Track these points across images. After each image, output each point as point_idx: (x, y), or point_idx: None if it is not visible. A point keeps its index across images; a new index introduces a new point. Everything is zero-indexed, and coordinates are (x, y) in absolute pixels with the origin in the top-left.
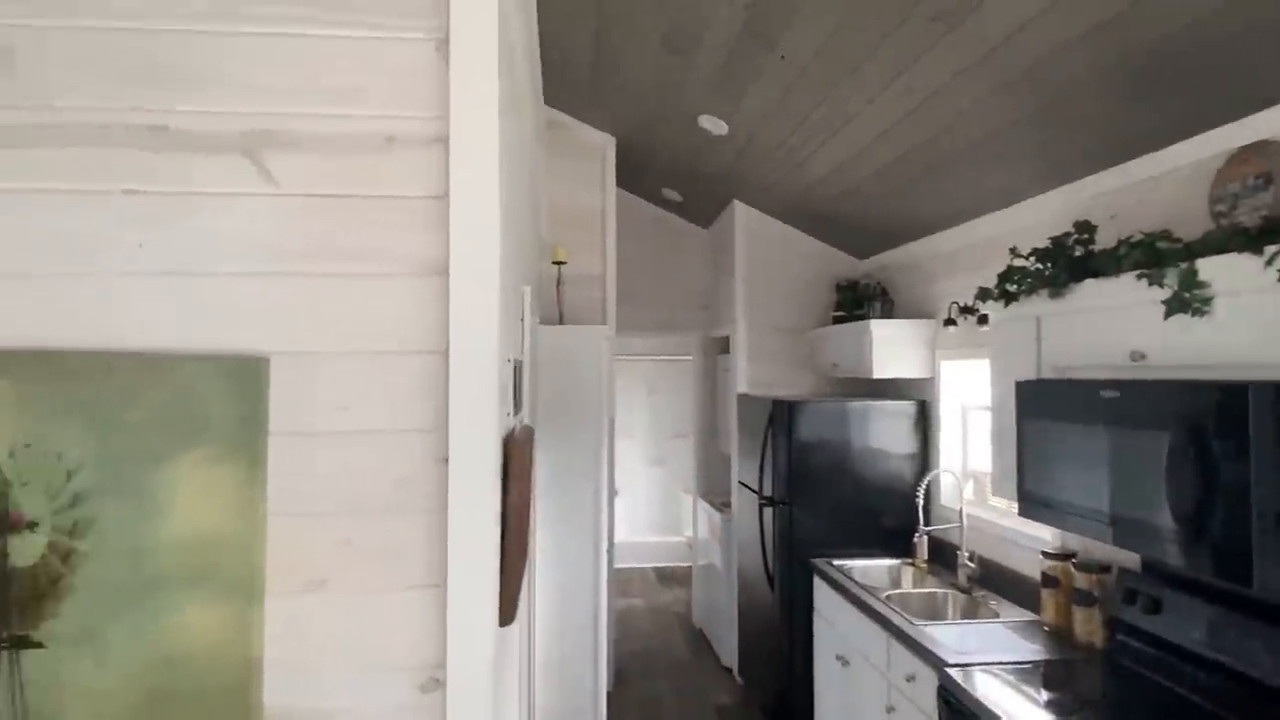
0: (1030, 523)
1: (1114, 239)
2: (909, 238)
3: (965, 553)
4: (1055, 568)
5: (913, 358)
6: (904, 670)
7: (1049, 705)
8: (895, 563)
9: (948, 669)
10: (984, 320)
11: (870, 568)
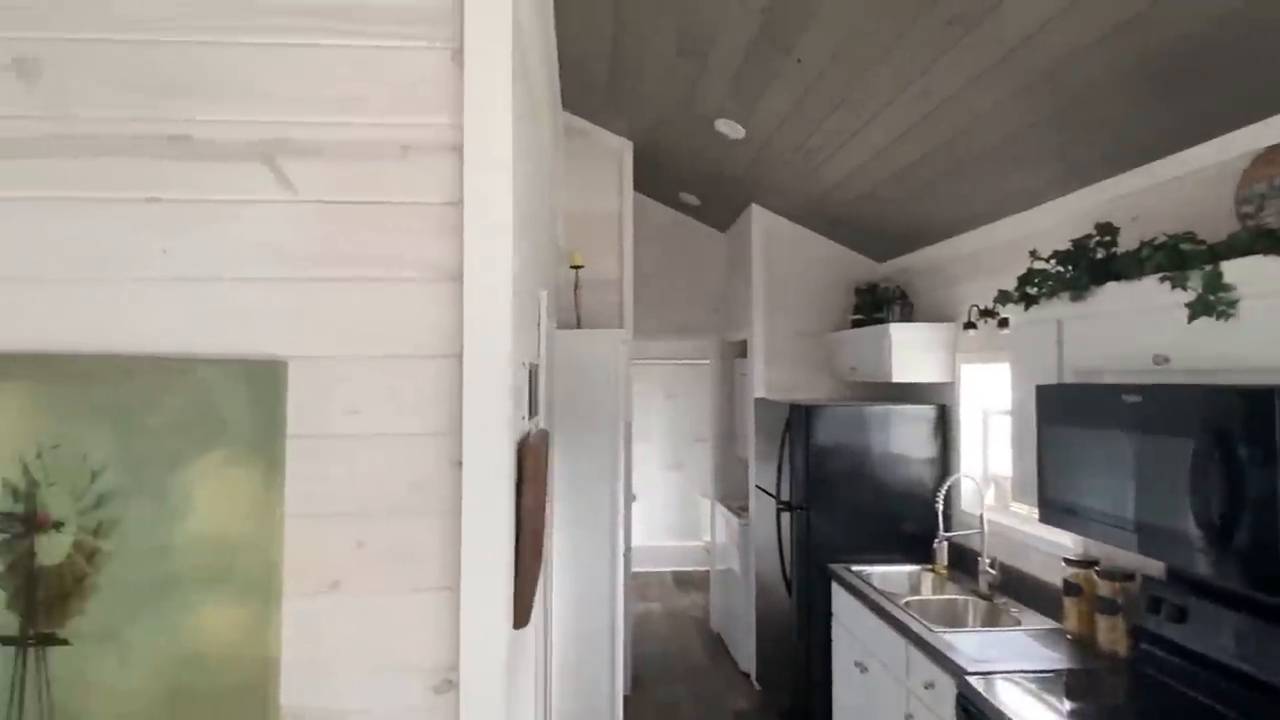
0: (1052, 529)
1: (1136, 241)
2: (928, 241)
3: (986, 559)
4: (1078, 575)
5: (932, 361)
6: (922, 677)
7: (1071, 715)
8: (915, 569)
9: (967, 677)
10: (1004, 324)
11: (889, 574)
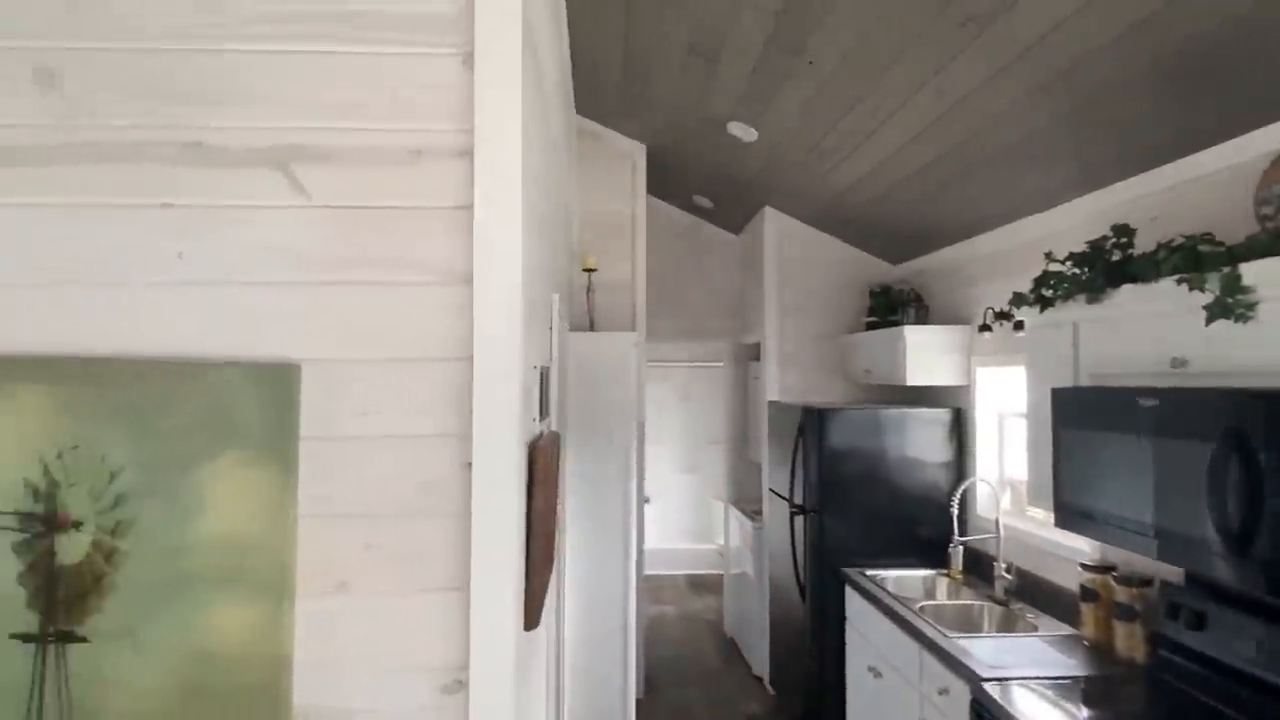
0: (1069, 534)
1: (1153, 243)
2: (943, 243)
3: (1002, 564)
4: (1095, 581)
5: (947, 364)
6: (937, 683)
7: None
8: (930, 573)
9: (982, 683)
10: (1020, 326)
11: (904, 578)
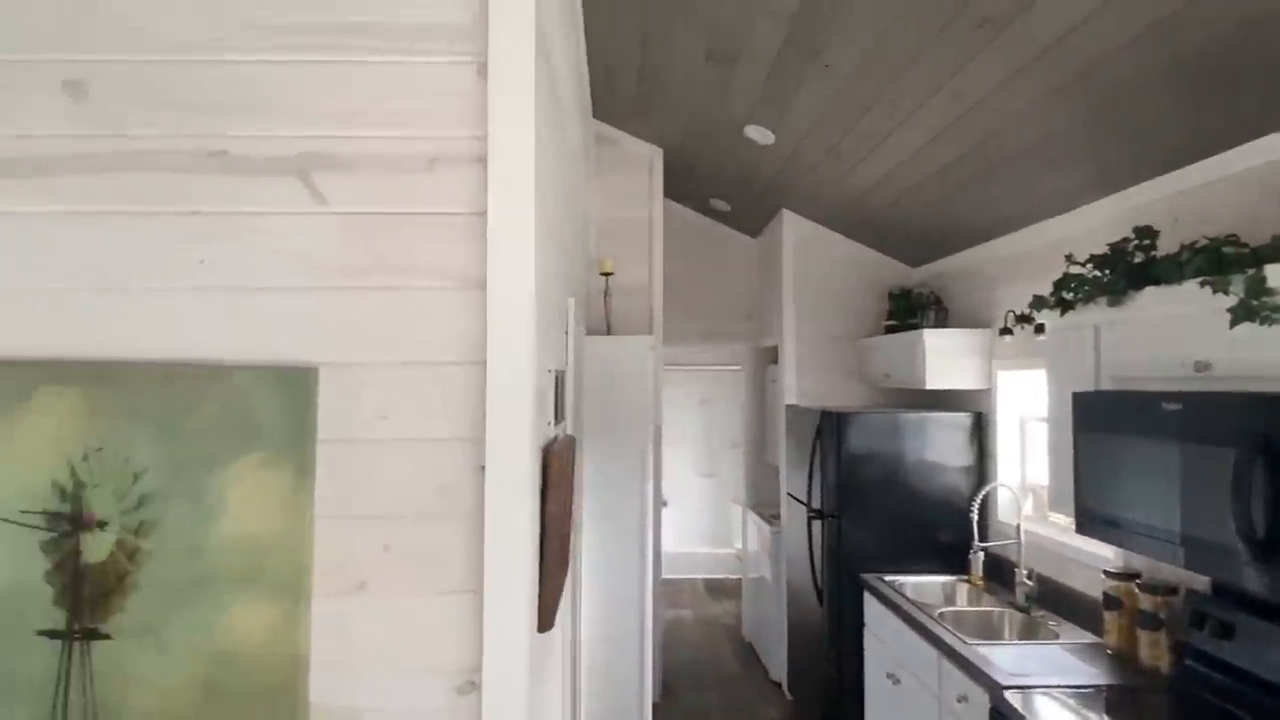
0: (1092, 540)
1: (1176, 245)
2: (963, 245)
3: (1023, 570)
4: (1118, 588)
5: (967, 368)
6: (956, 690)
7: None
8: (950, 579)
9: (1003, 691)
10: (1040, 329)
11: (923, 584)
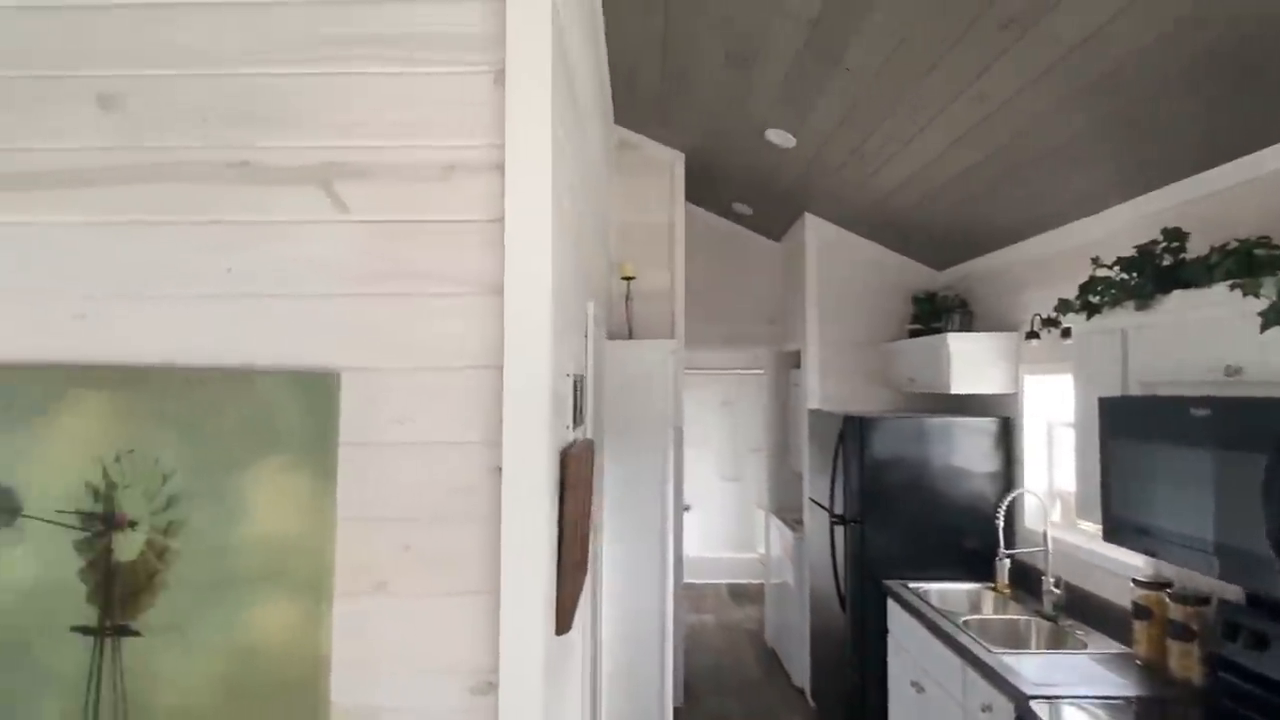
0: (1122, 548)
1: (1206, 247)
2: (989, 248)
3: (1050, 578)
4: (1148, 598)
5: (993, 372)
6: (980, 699)
7: None
8: (975, 587)
9: (1029, 701)
10: (1067, 334)
11: (948, 591)
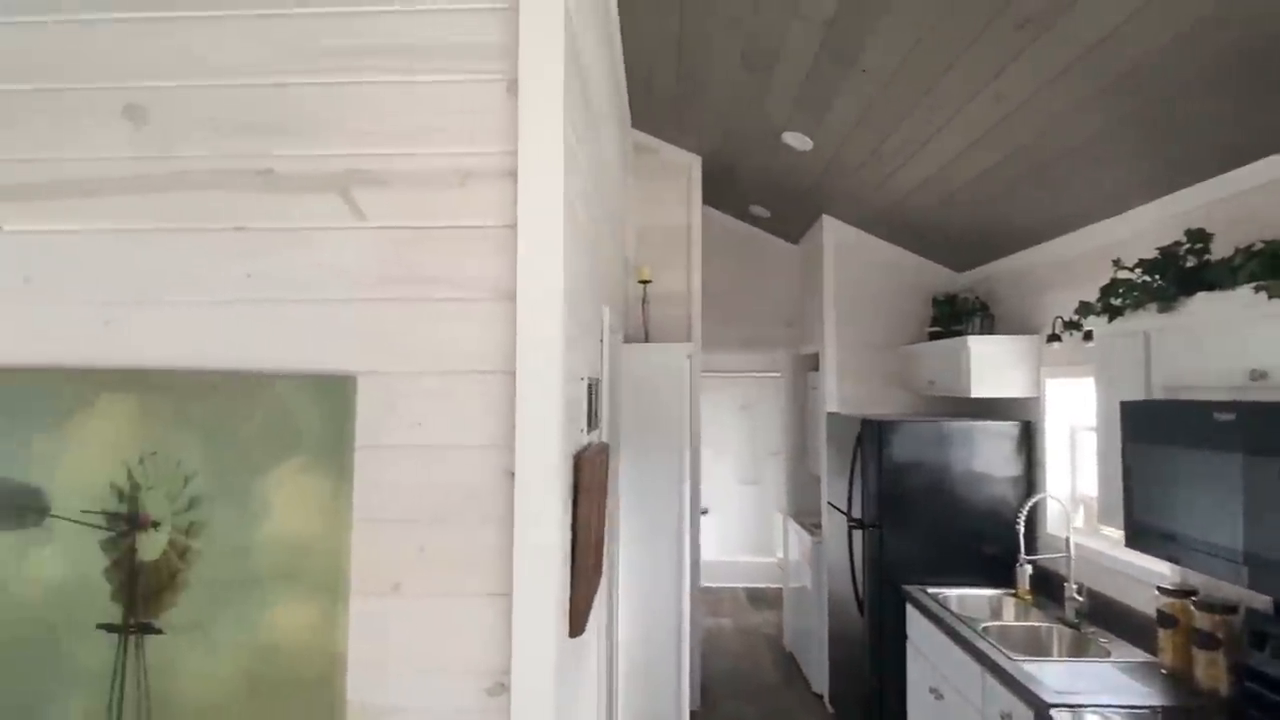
0: (1147, 555)
1: (1230, 248)
2: (1009, 249)
3: (1073, 585)
4: (1173, 606)
5: (1014, 376)
6: (1000, 707)
7: None
8: (996, 593)
9: (1050, 709)
10: (1089, 336)
11: (968, 597)
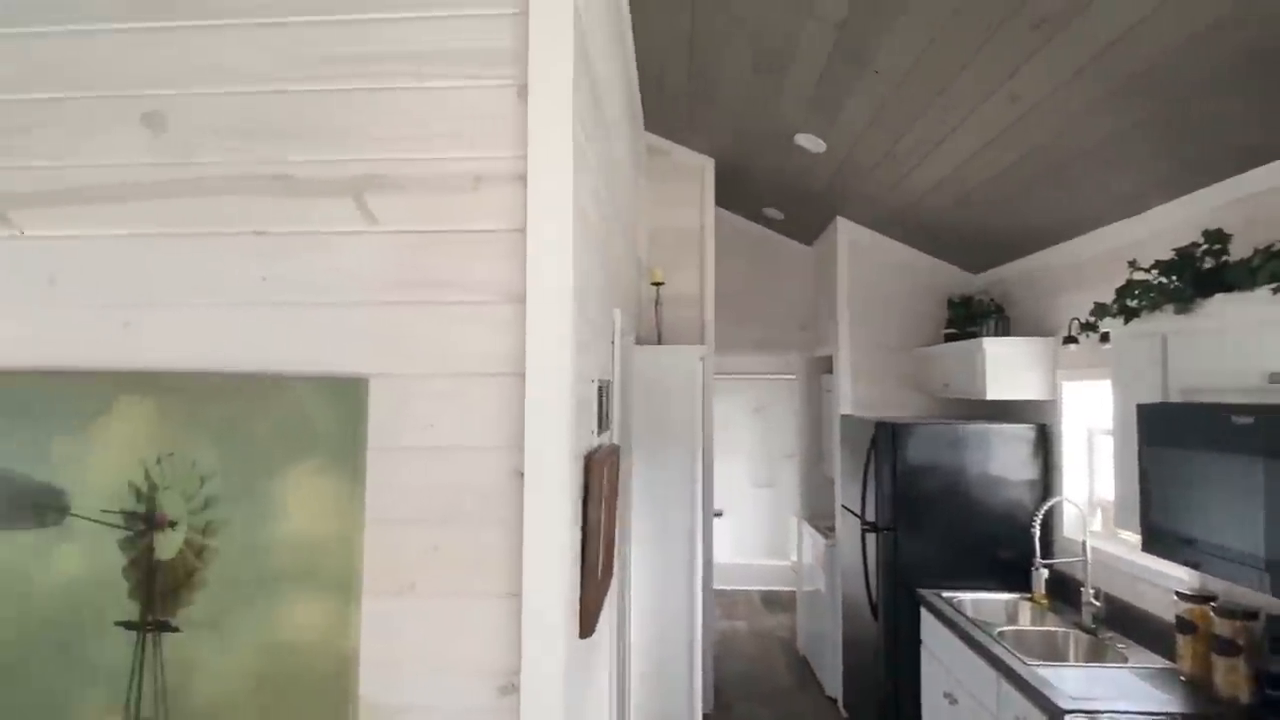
0: (1166, 560)
1: (1249, 249)
2: (1025, 250)
3: (1090, 589)
4: (1192, 611)
5: (1030, 378)
6: (1014, 712)
7: None
8: (1012, 597)
9: (1065, 715)
10: (1105, 338)
11: (983, 601)
